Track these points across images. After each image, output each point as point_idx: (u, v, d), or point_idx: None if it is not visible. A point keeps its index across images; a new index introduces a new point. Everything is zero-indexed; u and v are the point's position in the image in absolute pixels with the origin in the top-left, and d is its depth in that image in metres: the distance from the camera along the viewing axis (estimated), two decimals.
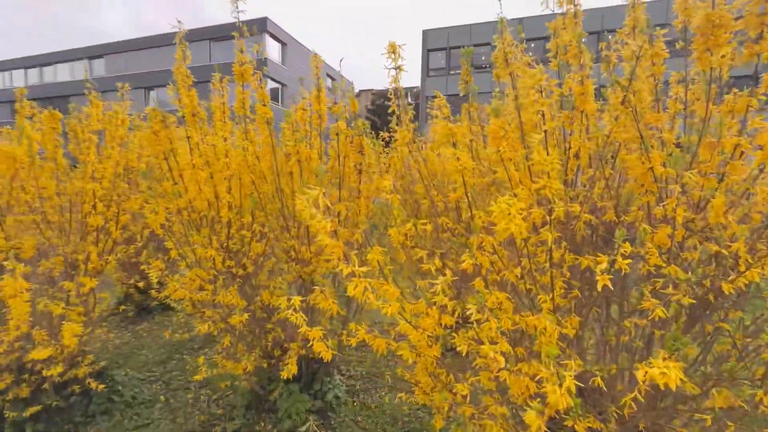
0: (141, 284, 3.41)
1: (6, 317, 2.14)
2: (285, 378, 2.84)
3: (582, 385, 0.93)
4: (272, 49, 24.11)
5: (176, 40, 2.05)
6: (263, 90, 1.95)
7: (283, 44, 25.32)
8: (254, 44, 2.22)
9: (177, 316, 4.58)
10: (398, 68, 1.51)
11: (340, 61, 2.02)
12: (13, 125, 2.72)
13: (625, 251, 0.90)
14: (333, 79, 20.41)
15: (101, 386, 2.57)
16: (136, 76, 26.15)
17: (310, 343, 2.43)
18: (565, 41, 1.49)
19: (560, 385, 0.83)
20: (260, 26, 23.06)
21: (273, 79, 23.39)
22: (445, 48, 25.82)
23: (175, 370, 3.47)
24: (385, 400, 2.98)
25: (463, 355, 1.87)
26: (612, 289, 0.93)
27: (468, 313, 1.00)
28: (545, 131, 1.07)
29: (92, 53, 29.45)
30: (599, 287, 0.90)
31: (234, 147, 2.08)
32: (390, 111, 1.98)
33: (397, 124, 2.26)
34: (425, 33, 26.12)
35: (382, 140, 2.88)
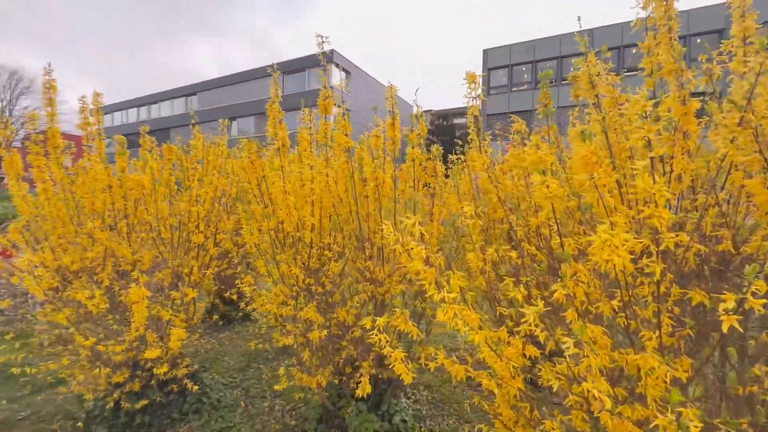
0: (234, 296, 3.78)
1: (128, 319, 2.52)
2: (354, 396, 2.92)
3: None
4: (336, 78, 25.89)
5: (271, 83, 2.32)
6: (346, 121, 2.12)
7: (347, 72, 27.03)
8: (321, 73, 2.39)
9: (254, 328, 4.96)
10: (478, 97, 1.55)
11: (416, 91, 2.12)
12: (130, 154, 3.27)
13: (758, 289, 0.80)
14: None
15: (195, 387, 2.87)
16: (223, 109, 29.80)
17: (388, 362, 2.47)
18: (660, 60, 1.41)
19: None
20: (327, 58, 25.05)
21: (337, 106, 25.03)
22: (506, 65, 25.38)
23: (252, 378, 3.73)
24: (465, 429, 2.87)
25: (547, 389, 1.76)
26: (742, 331, 0.83)
27: (564, 346, 0.96)
28: (651, 158, 1.01)
29: (187, 92, 34.37)
30: (724, 329, 0.81)
31: (317, 173, 2.26)
32: (456, 135, 2.02)
33: (469, 148, 2.28)
34: (485, 52, 25.99)
35: (449, 163, 2.92)
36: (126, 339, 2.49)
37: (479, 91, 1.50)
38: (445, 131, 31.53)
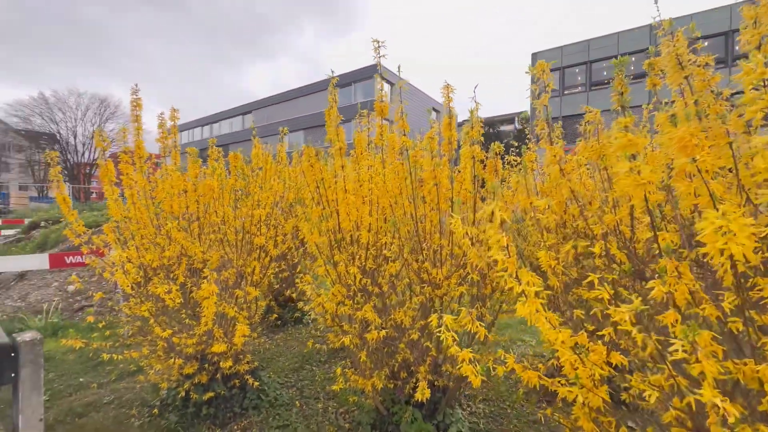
0: (294, 294, 3.92)
1: (199, 315, 2.70)
2: (408, 402, 2.86)
3: None
4: (385, 89, 26.49)
5: (329, 89, 2.41)
6: (404, 121, 2.13)
7: (391, 84, 27.58)
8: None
9: (306, 330, 5.09)
10: (547, 87, 1.47)
11: (475, 88, 2.07)
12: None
13: None
14: (437, 111, 21.10)
15: (256, 383, 2.99)
16: (275, 125, 31.78)
17: (445, 368, 2.38)
18: None
19: None
20: (373, 70, 25.98)
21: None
22: (558, 68, 24.26)
23: (306, 379, 3.81)
24: None
25: (629, 405, 1.58)
26: None
27: (671, 349, 0.85)
28: None
29: (244, 110, 37.22)
30: None
31: (375, 173, 2.29)
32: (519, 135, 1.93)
33: (527, 148, 2.18)
34: (534, 56, 25.09)
35: (508, 164, 2.81)
36: (196, 332, 2.66)
37: (548, 80, 1.43)
38: (493, 139, 30.66)
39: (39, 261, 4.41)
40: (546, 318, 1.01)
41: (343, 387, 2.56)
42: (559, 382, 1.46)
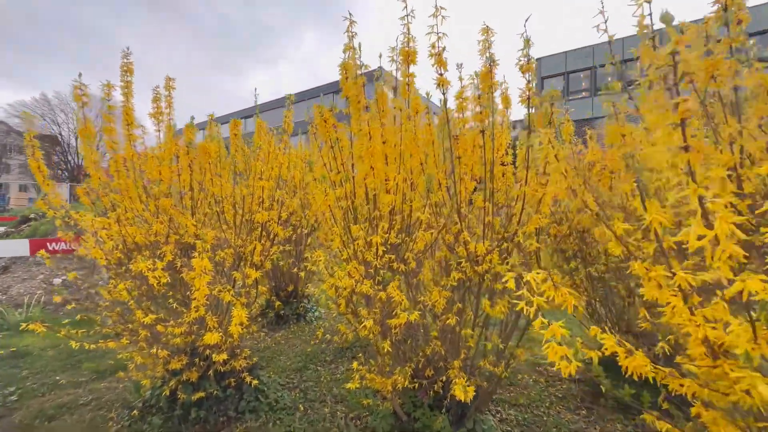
0: (299, 289, 3.51)
1: (189, 300, 2.31)
2: (431, 406, 2.44)
3: None
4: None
5: (346, 48, 2.05)
6: (441, 57, 1.76)
7: (394, 90, 27.48)
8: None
9: (310, 328, 4.67)
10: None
11: (528, 19, 1.71)
12: None
13: None
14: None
15: (254, 381, 2.58)
16: (276, 129, 31.61)
17: (482, 363, 1.96)
18: None
19: None
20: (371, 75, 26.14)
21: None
22: (562, 73, 24.12)
23: (310, 380, 3.39)
24: None
25: None
26: None
27: None
28: None
29: (246, 114, 37.21)
30: None
31: (403, 129, 1.91)
32: None
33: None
34: (539, 61, 24.94)
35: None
36: (185, 320, 2.27)
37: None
38: None
39: (19, 246, 4.01)
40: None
41: (357, 386, 2.15)
42: (670, 373, 1.07)
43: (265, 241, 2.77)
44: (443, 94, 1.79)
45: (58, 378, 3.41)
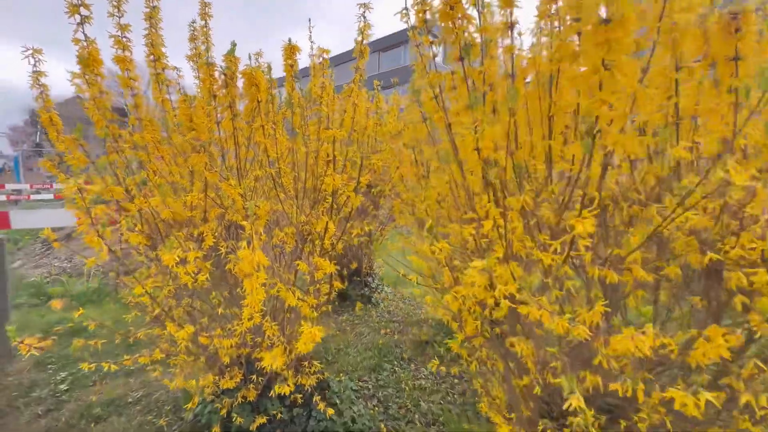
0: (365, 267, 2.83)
1: (239, 299, 1.64)
2: None
3: None
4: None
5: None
6: None
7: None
8: None
9: (377, 312, 4.02)
10: None
11: None
12: None
13: None
14: None
15: (321, 404, 1.93)
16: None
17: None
18: None
19: None
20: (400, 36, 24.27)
21: None
22: None
23: (387, 384, 2.74)
24: None
25: None
26: None
27: None
28: None
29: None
30: None
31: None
32: None
33: None
34: None
35: None
36: (237, 330, 1.61)
37: None
38: None
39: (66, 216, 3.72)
40: None
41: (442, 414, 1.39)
42: None
43: (336, 216, 2.00)
44: None
45: (111, 362, 3.08)
